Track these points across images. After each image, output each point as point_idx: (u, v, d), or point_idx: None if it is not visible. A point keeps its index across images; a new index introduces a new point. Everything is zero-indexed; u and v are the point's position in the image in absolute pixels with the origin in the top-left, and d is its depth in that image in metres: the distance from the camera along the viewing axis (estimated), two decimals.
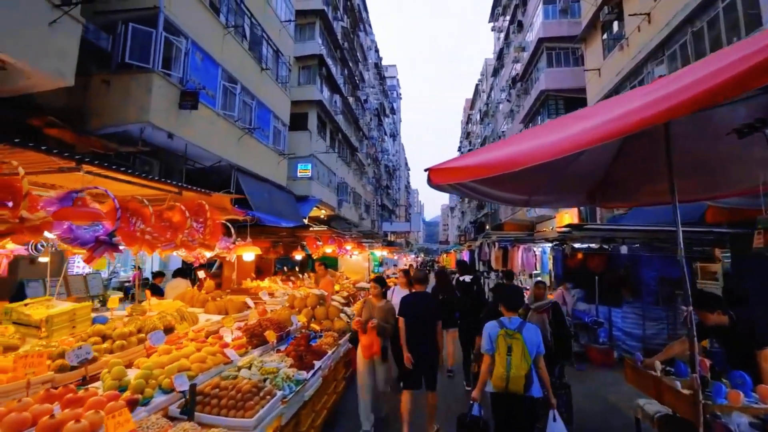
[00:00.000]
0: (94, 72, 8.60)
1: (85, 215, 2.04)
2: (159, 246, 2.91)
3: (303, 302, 4.92)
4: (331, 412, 3.79)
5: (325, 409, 3.49)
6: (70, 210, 2.01)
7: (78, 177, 2.65)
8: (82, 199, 2.08)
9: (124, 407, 1.76)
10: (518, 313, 3.15)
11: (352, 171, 28.07)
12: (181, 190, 3.34)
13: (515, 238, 9.52)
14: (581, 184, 3.57)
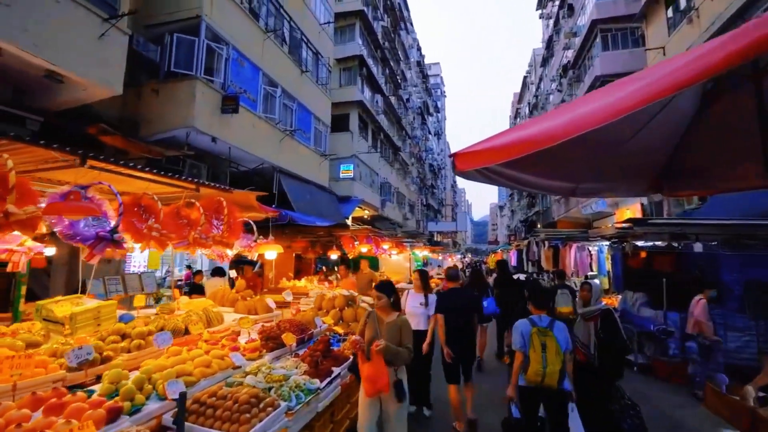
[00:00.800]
0: (145, 82, 9.11)
1: (76, 210, 1.95)
2: (169, 243, 2.83)
3: (331, 303, 4.72)
4: (355, 421, 3.55)
5: (348, 418, 3.24)
6: (61, 204, 1.92)
7: (93, 174, 2.60)
8: (74, 194, 1.99)
9: (101, 416, 1.63)
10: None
11: (395, 171, 27.85)
12: (198, 186, 3.25)
13: (567, 235, 8.71)
14: (642, 168, 2.99)
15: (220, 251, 3.67)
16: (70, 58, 6.11)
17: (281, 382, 2.41)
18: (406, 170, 31.95)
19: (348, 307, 4.65)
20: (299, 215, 6.98)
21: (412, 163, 34.58)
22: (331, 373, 3.01)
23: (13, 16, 5.34)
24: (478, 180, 2.79)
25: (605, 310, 3.71)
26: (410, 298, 4.59)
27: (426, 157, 42.39)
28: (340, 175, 19.07)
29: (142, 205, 2.78)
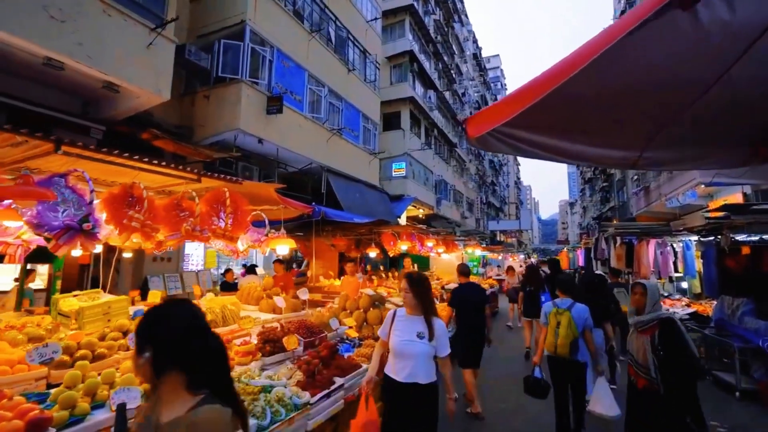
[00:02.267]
0: (198, 89, 9.58)
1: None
2: (156, 235, 2.66)
3: (355, 304, 4.35)
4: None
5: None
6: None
7: (100, 166, 2.49)
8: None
9: (16, 429, 1.42)
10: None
11: (452, 168, 26.93)
12: (199, 177, 3.06)
13: (643, 229, 7.38)
14: (737, 125, 2.19)
15: (231, 246, 3.49)
16: (122, 68, 6.48)
17: (255, 395, 2.08)
18: (464, 167, 30.80)
19: (374, 308, 4.25)
20: (333, 211, 6.75)
21: (470, 160, 33.27)
22: (332, 384, 2.62)
23: (68, 31, 5.75)
24: (501, 150, 2.23)
25: (665, 318, 2.82)
26: (398, 324, 2.67)
27: (485, 153, 40.61)
28: (392, 174, 18.80)
29: (134, 196, 2.64)
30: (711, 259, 5.84)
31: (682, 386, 2.68)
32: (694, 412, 2.69)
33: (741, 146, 2.45)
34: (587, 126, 2.06)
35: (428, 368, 2.52)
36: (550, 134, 2.08)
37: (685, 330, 2.72)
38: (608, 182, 31.67)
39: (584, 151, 2.29)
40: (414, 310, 2.64)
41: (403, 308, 2.72)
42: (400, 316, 2.68)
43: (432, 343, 2.52)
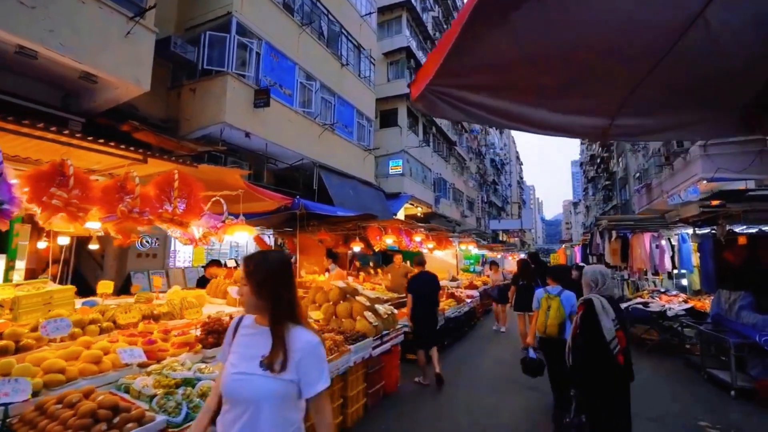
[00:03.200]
0: (185, 82, 9.41)
1: None
2: (85, 216, 2.46)
3: (325, 297, 4.14)
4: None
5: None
6: None
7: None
8: None
9: None
10: None
11: (451, 166, 26.66)
12: (145, 157, 2.86)
13: (637, 222, 7.10)
14: (720, 89, 1.95)
15: (184, 233, 3.28)
16: (98, 57, 6.31)
17: (170, 388, 1.87)
18: (464, 166, 30.52)
19: (344, 301, 4.03)
20: (316, 204, 6.54)
21: (471, 158, 32.97)
22: None
23: (39, 18, 5.58)
24: (450, 114, 2.02)
25: (586, 299, 2.70)
26: (239, 342, 1.56)
27: (486, 152, 40.32)
28: (389, 171, 18.60)
29: (65, 174, 2.44)
30: (708, 252, 5.56)
31: (585, 366, 2.67)
32: (590, 397, 2.67)
33: (726, 114, 2.21)
34: (542, 88, 1.83)
35: (279, 424, 1.40)
36: (500, 96, 1.86)
37: (602, 312, 2.54)
38: (610, 180, 31.29)
39: (547, 119, 2.06)
40: (259, 314, 1.51)
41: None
42: (246, 325, 1.56)
43: (286, 375, 1.38)
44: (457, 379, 5.24)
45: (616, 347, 2.47)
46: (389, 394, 4.31)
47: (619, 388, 2.62)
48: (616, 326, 2.52)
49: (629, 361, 2.61)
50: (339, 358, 3.09)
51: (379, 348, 3.88)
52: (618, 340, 2.49)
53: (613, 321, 2.53)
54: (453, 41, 1.33)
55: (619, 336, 2.51)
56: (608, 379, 2.58)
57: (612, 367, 2.51)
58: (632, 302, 7.18)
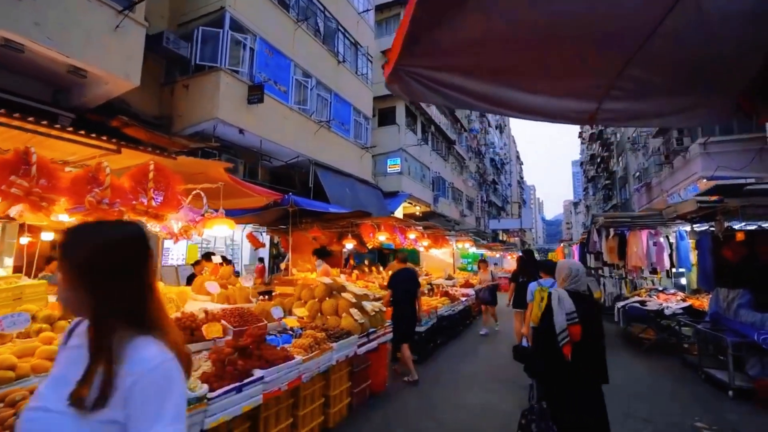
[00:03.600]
0: (178, 78, 9.31)
1: None
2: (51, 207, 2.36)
3: (310, 293, 4.04)
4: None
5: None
6: None
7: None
8: None
9: None
10: None
11: (450, 165, 26.55)
12: (119, 147, 2.75)
13: (634, 219, 6.96)
14: (722, 73, 1.85)
15: (160, 226, 3.18)
16: (86, 51, 6.22)
17: None
18: (463, 165, 30.40)
19: (330, 297, 3.92)
20: (307, 201, 6.44)
21: (470, 157, 32.85)
22: (250, 375, 2.30)
23: (25, 10, 5.49)
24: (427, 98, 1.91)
25: (550, 291, 2.72)
26: (58, 361, 1.04)
27: (486, 151, 40.19)
28: (387, 170, 18.53)
29: (29, 163, 2.34)
30: (705, 249, 5.44)
31: (539, 355, 2.74)
32: (547, 386, 2.69)
33: (721, 99, 2.10)
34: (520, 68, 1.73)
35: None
36: (478, 78, 1.75)
37: (557, 305, 2.55)
38: (611, 180, 31.15)
39: (530, 102, 1.96)
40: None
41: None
42: (79, 333, 1.02)
43: (105, 414, 0.87)
44: (448, 378, 5.13)
45: (563, 340, 2.46)
46: (377, 394, 4.20)
47: (573, 382, 2.56)
48: (571, 320, 2.48)
49: (592, 359, 2.56)
50: (320, 355, 2.98)
51: (365, 346, 3.77)
52: (569, 335, 2.46)
53: (568, 315, 2.50)
54: (410, 14, 1.23)
55: (572, 330, 2.47)
56: (559, 370, 2.57)
57: (560, 359, 2.49)
58: (629, 301, 7.07)
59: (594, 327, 2.59)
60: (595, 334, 2.57)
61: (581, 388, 2.55)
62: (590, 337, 2.51)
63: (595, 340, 2.56)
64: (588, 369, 2.55)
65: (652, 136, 17.32)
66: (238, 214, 6.20)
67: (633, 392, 4.79)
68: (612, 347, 6.97)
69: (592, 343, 2.54)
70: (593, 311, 2.66)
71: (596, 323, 2.64)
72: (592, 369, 2.56)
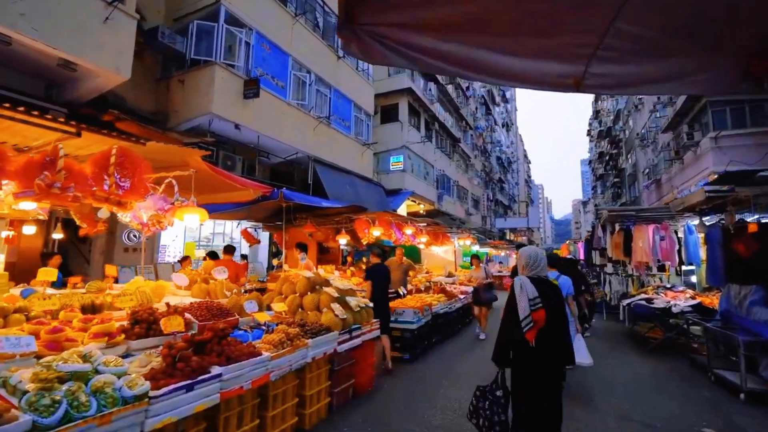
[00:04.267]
0: (174, 73, 9.22)
1: None
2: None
3: (291, 288, 3.84)
4: None
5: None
6: None
7: None
8: None
9: None
10: None
11: (455, 163, 26.24)
12: (79, 129, 2.59)
13: (639, 213, 6.63)
14: (729, 31, 1.62)
15: (123, 214, 3.02)
16: (75, 43, 6.11)
17: (49, 383, 1.57)
18: (468, 163, 30.04)
19: (312, 292, 3.72)
20: (298, 194, 6.26)
21: (476, 155, 32.48)
22: (206, 373, 2.11)
23: (9, 1, 5.38)
24: (391, 61, 1.70)
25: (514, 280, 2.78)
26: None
27: (492, 149, 39.75)
28: (390, 167, 18.33)
29: None
30: (715, 243, 5.13)
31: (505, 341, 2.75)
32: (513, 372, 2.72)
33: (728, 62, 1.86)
34: (492, 25, 1.51)
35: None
36: (448, 37, 1.55)
37: (520, 292, 2.59)
38: (619, 177, 30.57)
39: (509, 65, 1.75)
40: None
41: None
42: None
43: None
44: (439, 378, 4.89)
45: (527, 326, 2.48)
46: (361, 394, 3.99)
47: (537, 368, 2.59)
48: (535, 306, 2.50)
49: (556, 343, 2.59)
50: (293, 352, 2.78)
51: (346, 343, 3.57)
52: (532, 320, 2.48)
53: (531, 301, 2.52)
54: None
55: (535, 316, 2.49)
56: (524, 358, 2.60)
57: (525, 346, 2.53)
58: (635, 298, 6.75)
59: (558, 312, 2.63)
60: (558, 319, 2.61)
61: (545, 374, 2.58)
62: (554, 321, 2.55)
63: (558, 325, 2.60)
64: (552, 354, 2.57)
65: (662, 131, 16.87)
66: (229, 209, 6.05)
67: (636, 394, 4.52)
68: (617, 346, 6.67)
69: (556, 328, 2.58)
70: (555, 296, 2.69)
71: (559, 308, 2.68)
72: (556, 353, 2.60)
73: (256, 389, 2.47)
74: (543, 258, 2.77)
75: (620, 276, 8.59)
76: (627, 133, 27.01)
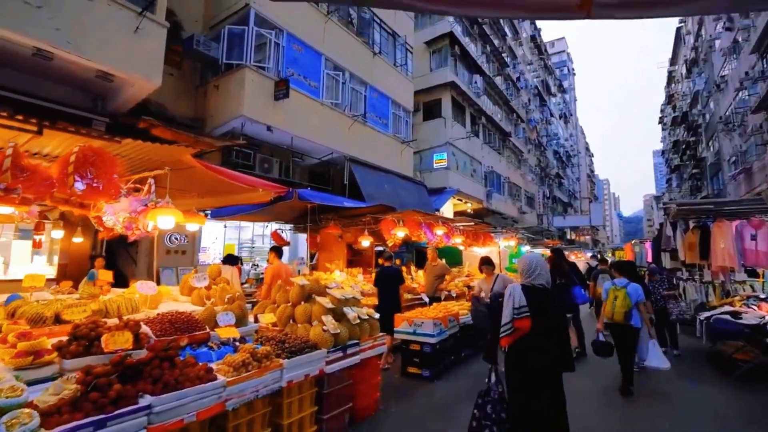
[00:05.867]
0: (210, 79, 9.45)
1: None
2: None
3: (285, 296, 3.44)
4: None
5: None
6: None
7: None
8: None
9: None
10: None
11: (505, 159, 24.83)
12: (41, 127, 2.43)
13: (718, 206, 5.35)
14: None
15: (118, 223, 2.85)
16: (107, 54, 6.34)
17: None
18: (521, 158, 28.33)
19: (306, 302, 3.31)
20: (314, 193, 5.95)
21: (529, 150, 30.56)
22: (130, 404, 1.76)
23: (44, 16, 5.67)
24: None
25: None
26: None
27: (548, 143, 37.23)
28: (433, 165, 17.68)
29: None
30: None
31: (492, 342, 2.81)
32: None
33: None
34: None
35: None
36: None
37: (508, 299, 2.66)
38: (699, 168, 27.00)
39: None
40: None
41: None
42: None
43: None
44: (462, 401, 4.13)
45: (504, 332, 2.59)
46: (361, 420, 3.43)
47: (527, 370, 2.63)
48: (520, 315, 2.56)
49: (549, 349, 2.60)
50: (262, 375, 2.37)
51: (338, 362, 3.09)
52: (511, 328, 2.57)
53: (517, 309, 2.58)
54: None
55: (518, 324, 2.56)
56: (514, 359, 2.66)
57: (517, 348, 2.61)
58: (715, 311, 5.51)
59: (551, 320, 2.65)
60: (550, 326, 2.63)
61: (536, 376, 2.60)
62: (546, 329, 2.58)
63: (551, 332, 2.62)
64: (543, 359, 2.58)
65: (752, 111, 14.44)
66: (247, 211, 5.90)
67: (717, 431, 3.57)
68: (692, 370, 5.54)
69: (549, 335, 2.60)
70: (548, 305, 2.67)
71: (552, 316, 2.68)
72: (549, 359, 2.60)
73: (206, 421, 2.12)
74: (541, 267, 2.70)
75: (696, 283, 7.16)
76: (707, 117, 23.74)
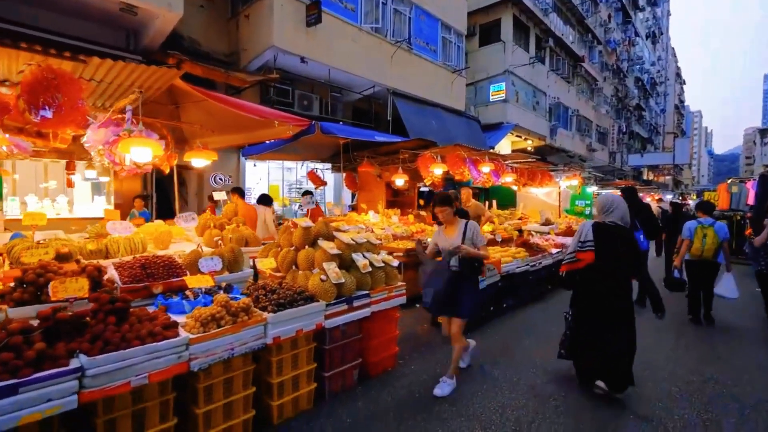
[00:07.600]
0: (240, 9, 8.82)
1: None
2: None
3: (289, 240, 3.03)
4: None
5: None
6: None
7: None
8: None
9: None
10: None
11: (575, 88, 21.87)
12: None
13: None
14: None
15: (97, 154, 2.56)
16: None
17: None
18: (594, 87, 24.82)
19: (310, 246, 2.89)
20: (339, 126, 5.34)
21: (606, 77, 26.61)
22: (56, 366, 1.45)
23: None
24: None
25: None
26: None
27: (630, 68, 32.16)
28: (489, 98, 15.97)
29: None
30: None
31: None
32: None
33: None
34: None
35: None
36: None
37: (577, 234, 2.92)
38: None
39: None
40: None
41: None
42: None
43: None
44: (494, 356, 3.66)
45: (567, 260, 2.90)
46: (376, 374, 3.10)
47: (595, 305, 2.83)
48: (584, 248, 2.79)
49: (618, 285, 2.78)
50: (237, 332, 2.04)
51: (341, 316, 2.68)
52: (575, 258, 2.82)
53: (582, 243, 2.81)
54: None
55: (580, 256, 2.79)
56: (582, 289, 2.94)
57: (587, 283, 2.86)
58: None
59: (624, 255, 2.75)
60: (621, 263, 2.76)
61: (599, 310, 2.80)
62: (612, 264, 2.73)
63: (620, 269, 2.77)
64: (610, 294, 2.75)
65: None
66: (271, 147, 5.52)
67: None
68: None
69: (616, 270, 2.75)
70: (618, 242, 2.74)
71: (622, 253, 2.75)
72: (616, 295, 2.75)
73: (168, 382, 1.84)
74: (617, 205, 2.77)
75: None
76: None
